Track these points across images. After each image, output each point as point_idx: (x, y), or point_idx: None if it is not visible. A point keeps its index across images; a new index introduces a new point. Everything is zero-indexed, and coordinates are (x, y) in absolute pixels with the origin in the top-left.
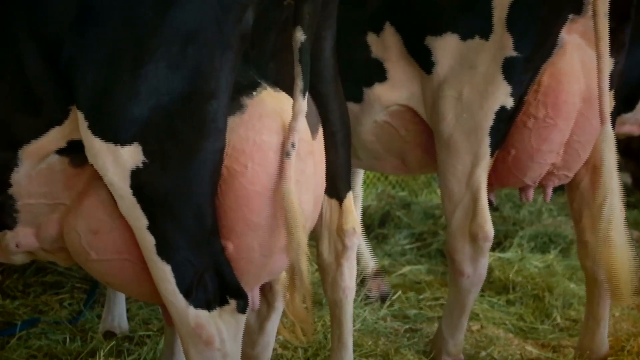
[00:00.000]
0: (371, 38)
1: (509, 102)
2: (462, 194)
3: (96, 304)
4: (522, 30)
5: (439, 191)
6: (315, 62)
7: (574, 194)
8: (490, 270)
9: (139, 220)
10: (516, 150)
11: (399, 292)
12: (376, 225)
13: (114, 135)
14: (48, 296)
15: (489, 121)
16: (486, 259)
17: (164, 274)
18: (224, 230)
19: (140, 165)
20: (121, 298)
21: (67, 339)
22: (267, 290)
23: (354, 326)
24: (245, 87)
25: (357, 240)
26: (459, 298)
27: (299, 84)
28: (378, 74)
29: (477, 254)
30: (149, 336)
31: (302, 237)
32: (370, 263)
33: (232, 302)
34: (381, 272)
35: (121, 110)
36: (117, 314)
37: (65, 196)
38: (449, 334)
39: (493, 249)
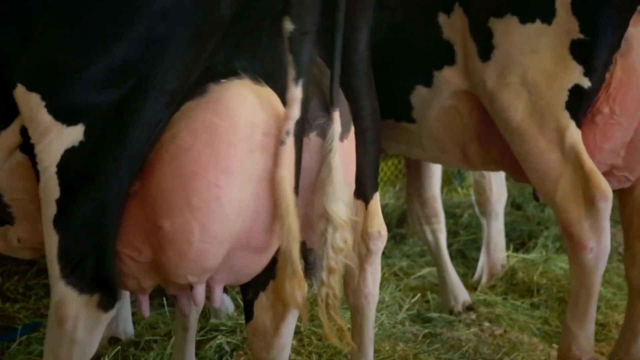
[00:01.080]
0: (442, 19)
1: (585, 82)
2: (561, 166)
3: None
4: (589, 13)
5: (459, 189)
6: (350, 55)
7: (626, 199)
8: (513, 272)
9: (52, 193)
10: None
11: (418, 295)
12: (394, 225)
13: (66, 115)
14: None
15: (562, 97)
16: (608, 225)
17: (51, 243)
18: (161, 209)
19: (76, 145)
20: (126, 301)
21: None
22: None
23: None
24: (217, 75)
25: (382, 244)
26: (583, 280)
27: (291, 72)
28: (448, 56)
29: (598, 219)
30: (155, 341)
31: (293, 224)
32: None
33: (95, 295)
34: None
35: (77, 92)
36: (123, 318)
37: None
38: (578, 325)
39: (516, 250)
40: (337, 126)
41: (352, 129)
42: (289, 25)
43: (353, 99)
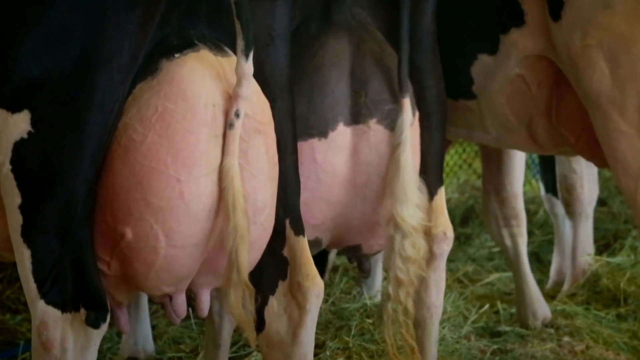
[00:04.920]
0: None
1: None
2: None
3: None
4: None
5: (533, 182)
6: (413, 28)
7: None
8: (596, 278)
9: (13, 198)
10: None
11: (486, 306)
12: (458, 224)
13: (8, 101)
14: None
15: None
16: None
17: (23, 258)
18: (120, 213)
19: (25, 136)
20: (145, 314)
21: None
22: (295, 290)
23: None
24: (170, 49)
25: (448, 247)
26: None
27: (240, 43)
28: (515, 17)
29: None
30: (180, 358)
31: (241, 222)
32: None
33: (82, 312)
34: None
35: (16, 71)
36: (142, 333)
37: None
38: None
39: (600, 252)
40: (407, 115)
41: (417, 113)
42: None
43: (416, 79)
